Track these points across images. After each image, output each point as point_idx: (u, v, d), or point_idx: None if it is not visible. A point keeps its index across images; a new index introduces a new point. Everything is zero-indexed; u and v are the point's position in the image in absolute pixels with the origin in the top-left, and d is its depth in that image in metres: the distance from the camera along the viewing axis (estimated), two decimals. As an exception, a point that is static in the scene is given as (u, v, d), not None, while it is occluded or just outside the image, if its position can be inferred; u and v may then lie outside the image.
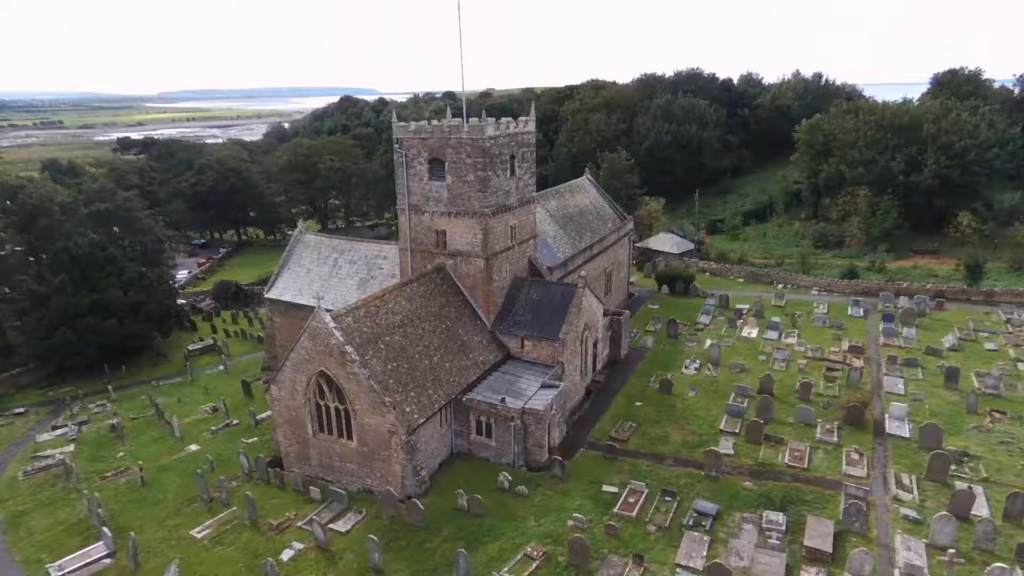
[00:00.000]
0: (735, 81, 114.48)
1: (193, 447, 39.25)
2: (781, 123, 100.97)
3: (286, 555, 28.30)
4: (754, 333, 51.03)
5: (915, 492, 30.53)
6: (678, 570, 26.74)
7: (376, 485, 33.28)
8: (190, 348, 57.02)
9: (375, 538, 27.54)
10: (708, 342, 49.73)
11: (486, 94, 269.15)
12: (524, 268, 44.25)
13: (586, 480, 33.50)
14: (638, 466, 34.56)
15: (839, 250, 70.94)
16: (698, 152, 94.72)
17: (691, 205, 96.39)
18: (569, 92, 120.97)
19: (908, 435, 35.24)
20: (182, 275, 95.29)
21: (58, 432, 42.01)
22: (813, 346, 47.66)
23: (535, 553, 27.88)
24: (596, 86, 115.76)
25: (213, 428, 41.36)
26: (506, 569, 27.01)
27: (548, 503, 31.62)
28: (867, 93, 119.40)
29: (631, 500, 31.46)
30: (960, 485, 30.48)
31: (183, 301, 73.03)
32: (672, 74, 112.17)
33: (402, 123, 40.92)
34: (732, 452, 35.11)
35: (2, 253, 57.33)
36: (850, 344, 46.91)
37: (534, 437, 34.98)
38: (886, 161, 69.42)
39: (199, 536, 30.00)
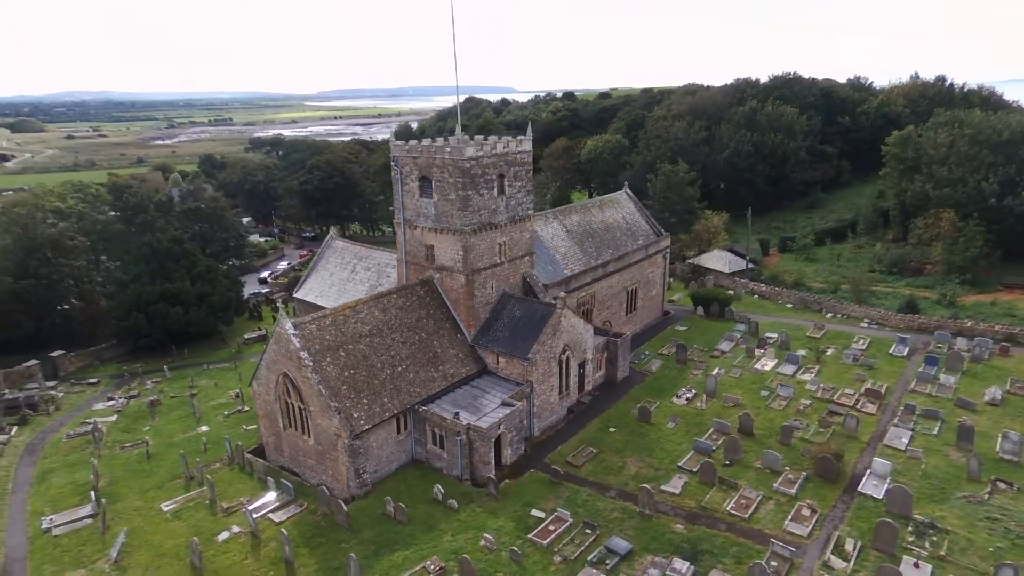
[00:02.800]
0: (840, 84, 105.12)
1: (204, 428, 44.30)
2: (888, 132, 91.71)
3: (223, 536, 31.69)
4: (769, 366, 48.01)
5: (852, 561, 28.05)
6: (561, 604, 26.83)
7: (329, 482, 35.97)
8: (246, 337, 63.51)
9: (285, 532, 30.16)
10: (716, 371, 47.65)
11: (605, 95, 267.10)
12: (517, 284, 45.01)
13: (520, 502, 33.97)
14: (579, 494, 34.46)
15: (915, 278, 63.84)
16: (783, 163, 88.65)
17: (770, 220, 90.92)
18: (661, 97, 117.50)
19: (881, 496, 32.13)
20: (283, 266, 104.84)
21: (110, 403, 49.11)
22: (828, 385, 44.13)
23: (433, 567, 29.07)
24: (689, 91, 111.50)
25: (226, 413, 46.31)
26: (400, 579, 28.51)
27: (472, 520, 32.55)
28: (1009, 97, 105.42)
29: (551, 528, 31.61)
30: (907, 560, 27.61)
31: (266, 290, 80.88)
32: (768, 79, 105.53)
33: (398, 142, 43.19)
34: (678, 491, 33.96)
35: (107, 244, 67.15)
36: (868, 387, 42.89)
37: (479, 453, 35.94)
38: (977, 181, 61.25)
39: (166, 509, 34.30)
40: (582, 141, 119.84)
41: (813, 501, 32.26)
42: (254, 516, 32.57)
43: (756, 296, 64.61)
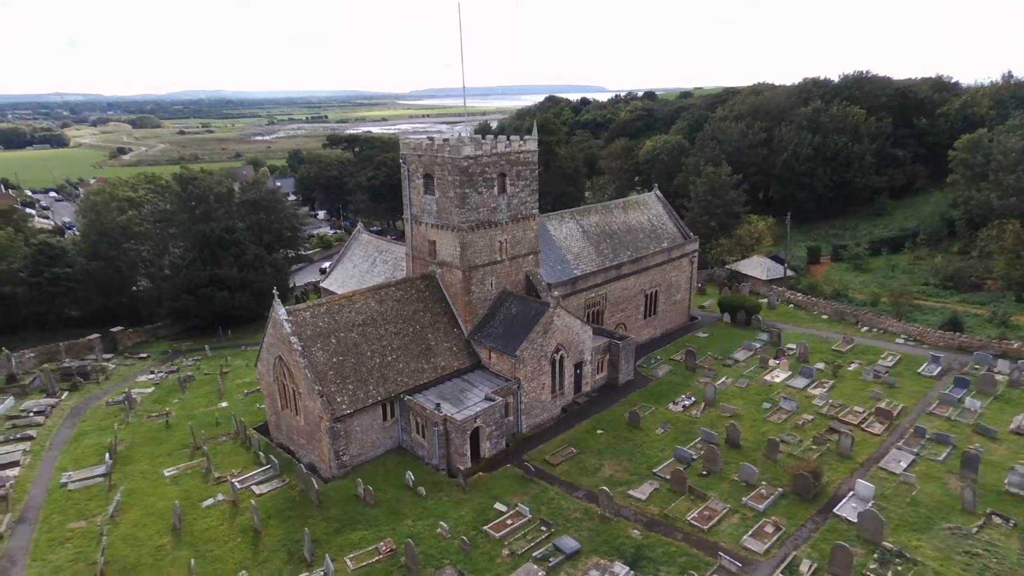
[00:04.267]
0: (919, 84, 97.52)
1: (224, 404, 47.68)
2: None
3: (208, 502, 34.32)
4: (780, 377, 46.11)
5: (801, 582, 26.94)
6: (493, 595, 27.38)
7: (316, 461, 38.07)
8: (286, 322, 67.33)
9: (255, 503, 32.33)
10: (722, 380, 46.32)
11: (687, 94, 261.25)
12: (519, 282, 45.54)
13: (488, 495, 34.64)
14: (547, 492, 34.73)
15: (972, 293, 58.83)
16: (846, 167, 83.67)
17: (829, 226, 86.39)
18: (726, 97, 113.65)
19: (856, 520, 30.49)
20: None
21: (152, 376, 53.72)
22: (837, 401, 41.98)
23: (384, 548, 30.34)
24: (754, 91, 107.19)
25: (246, 391, 49.62)
26: (351, 555, 29.93)
27: (437, 508, 33.55)
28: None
29: (508, 522, 32.15)
30: (862, 587, 26.24)
31: (320, 279, 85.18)
32: (838, 78, 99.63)
33: (406, 140, 44.77)
34: (645, 497, 33.60)
35: (173, 231, 73.13)
36: (880, 406, 40.40)
37: (455, 444, 36.88)
38: (1048, 191, 55.68)
39: (167, 474, 37.45)
40: (643, 141, 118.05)
41: (780, 518, 31.07)
42: (238, 487, 35.11)
43: (792, 305, 61.81)
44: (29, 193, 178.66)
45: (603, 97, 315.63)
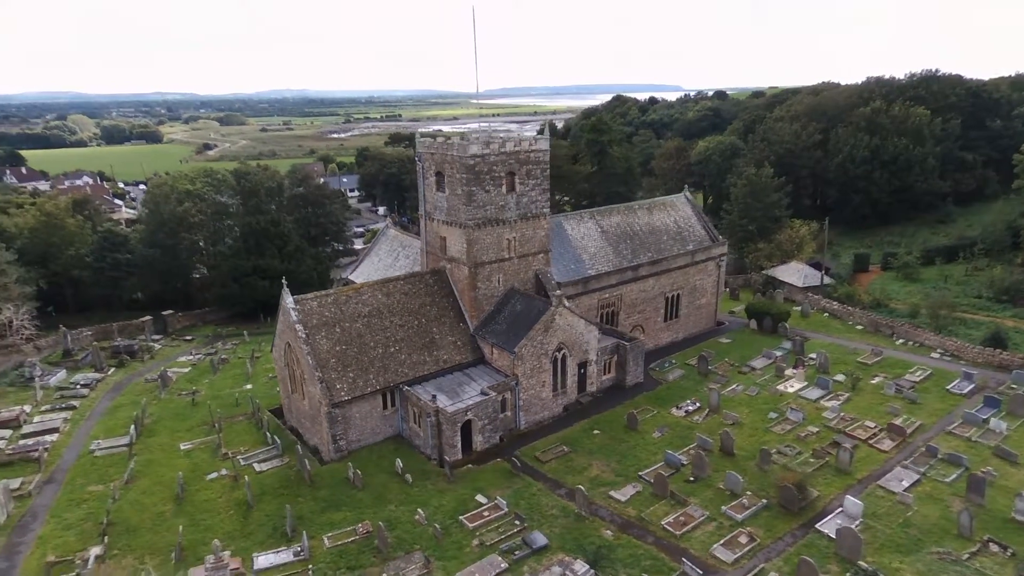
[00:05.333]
0: (994, 83, 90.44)
1: (248, 386, 50.47)
2: (1050, 139, 78.28)
3: (212, 476, 36.66)
4: (794, 387, 44.52)
5: (764, 595, 26.29)
6: (456, 580, 28.09)
7: (319, 443, 39.89)
8: (323, 312, 70.29)
9: (247, 479, 34.32)
10: (732, 386, 45.23)
11: (759, 94, 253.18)
12: (529, 280, 45.93)
13: (472, 486, 35.39)
14: (530, 488, 35.12)
15: (1027, 309, 54.55)
16: (905, 171, 78.94)
17: (886, 233, 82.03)
18: (786, 96, 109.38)
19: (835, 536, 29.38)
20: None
21: (190, 358, 57.45)
22: (849, 415, 40.24)
23: (362, 529, 31.62)
24: (814, 90, 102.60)
25: (270, 375, 52.26)
26: (329, 534, 31.35)
27: (420, 495, 34.59)
28: None
29: (484, 514, 32.80)
30: (825, 605, 25.37)
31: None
32: (904, 76, 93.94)
33: (422, 139, 46.02)
34: (625, 499, 33.48)
35: (229, 223, 77.55)
36: (894, 422, 38.42)
37: (446, 436, 37.78)
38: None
39: (182, 448, 40.19)
40: (696, 142, 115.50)
41: (757, 530, 30.30)
42: (242, 463, 37.35)
43: (827, 314, 59.26)
44: (121, 185, 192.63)
45: (678, 96, 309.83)
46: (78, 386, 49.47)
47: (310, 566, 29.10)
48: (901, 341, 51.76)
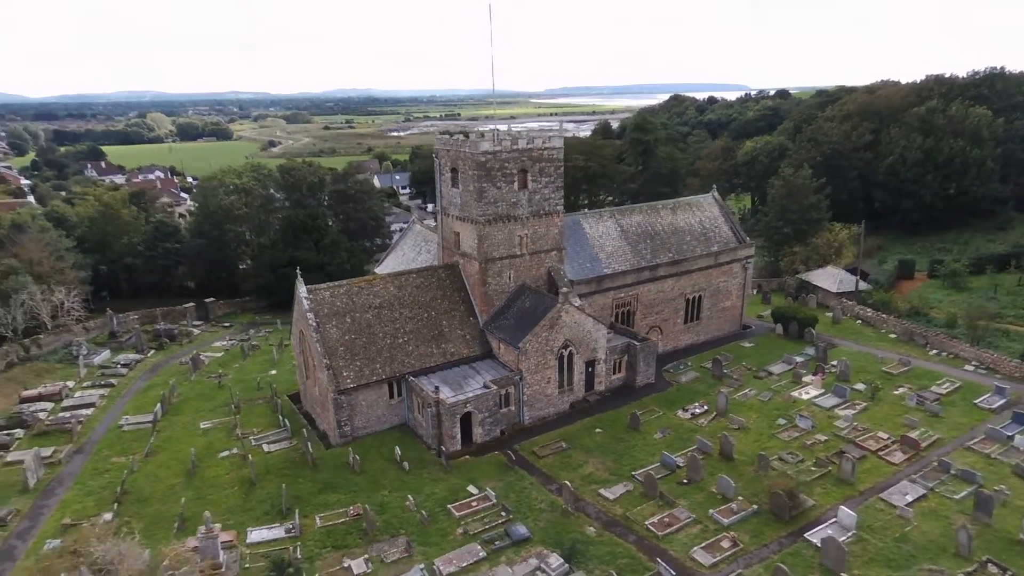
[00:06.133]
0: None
1: (273, 372, 52.66)
2: None
3: (223, 454, 38.63)
4: (809, 395, 43.15)
5: (736, 600, 25.87)
6: (434, 563, 28.73)
7: (327, 428, 41.38)
8: (355, 304, 72.45)
9: (252, 459, 35.99)
10: (745, 391, 44.28)
11: (822, 92, 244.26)
12: (541, 277, 46.19)
13: (466, 477, 36.06)
14: (522, 481, 35.50)
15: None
16: (961, 174, 74.65)
17: (937, 239, 78.07)
18: (839, 95, 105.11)
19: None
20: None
21: (225, 343, 60.29)
22: (862, 425, 38.81)
23: (352, 512, 32.72)
24: (870, 89, 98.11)
25: (294, 363, 54.26)
26: (321, 514, 32.61)
27: (414, 483, 35.45)
28: None
29: (473, 504, 33.41)
30: (798, 614, 24.77)
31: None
32: (966, 75, 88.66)
33: (441, 136, 46.97)
34: (613, 498, 33.45)
35: (276, 216, 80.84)
36: (907, 435, 36.82)
37: (445, 426, 38.52)
38: None
39: (202, 427, 42.43)
40: (743, 142, 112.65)
41: (742, 535, 29.75)
42: (253, 443, 39.21)
43: (859, 322, 56.94)
44: (190, 179, 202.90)
45: (737, 96, 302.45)
46: (119, 366, 52.82)
47: (298, 543, 30.40)
48: (934, 352, 49.33)
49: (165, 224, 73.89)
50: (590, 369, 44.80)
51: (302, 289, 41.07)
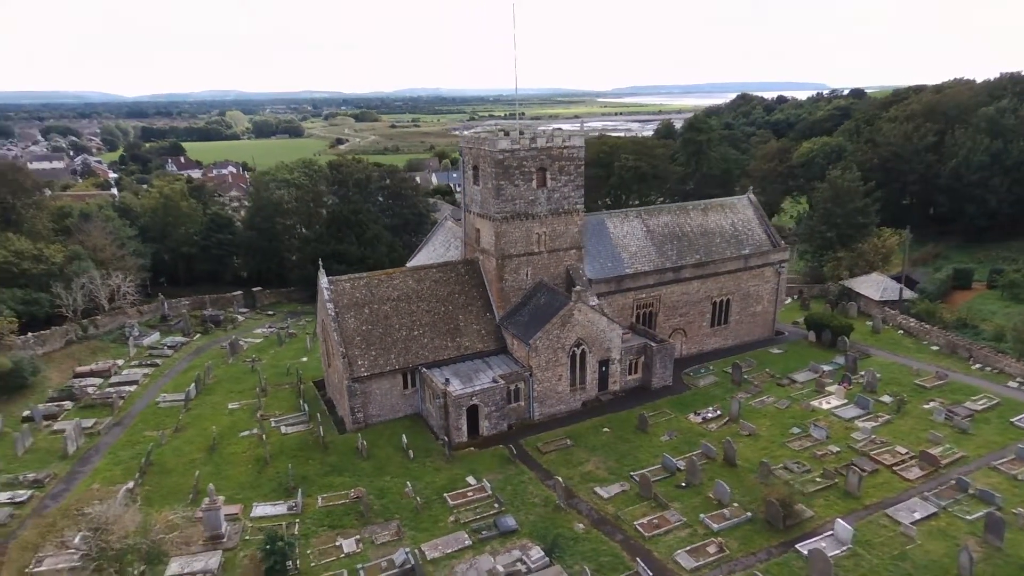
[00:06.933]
0: None
1: (304, 359, 54.93)
2: None
3: (244, 433, 40.79)
4: (830, 404, 41.62)
5: (711, 605, 25.55)
6: (420, 547, 29.64)
7: (343, 414, 43.02)
8: (393, 297, 74.52)
9: (266, 439, 37.90)
10: (763, 398, 43.16)
11: (900, 91, 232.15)
12: (560, 275, 46.41)
13: (467, 467, 36.83)
14: (521, 475, 35.96)
15: None
16: (1032, 178, 69.68)
17: (1004, 248, 73.34)
18: (907, 94, 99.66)
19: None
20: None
21: (265, 330, 63.20)
22: (881, 438, 37.24)
23: (352, 494, 34.02)
24: (938, 88, 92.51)
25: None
26: (324, 495, 34.07)
27: (416, 471, 36.48)
28: None
29: (469, 494, 34.15)
30: (771, 624, 24.27)
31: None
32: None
33: (466, 133, 47.88)
34: (607, 497, 33.45)
35: (332, 209, 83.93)
36: (928, 451, 35.06)
37: (452, 417, 39.36)
38: None
39: (230, 407, 44.91)
40: (801, 143, 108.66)
41: (731, 541, 29.23)
42: (273, 425, 41.28)
43: (901, 332, 54.27)
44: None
45: (808, 96, 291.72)
46: (165, 347, 56.41)
47: (298, 520, 31.93)
48: (977, 366, 46.56)
49: (220, 216, 78.08)
50: (604, 368, 44.69)
51: (323, 280, 42.81)
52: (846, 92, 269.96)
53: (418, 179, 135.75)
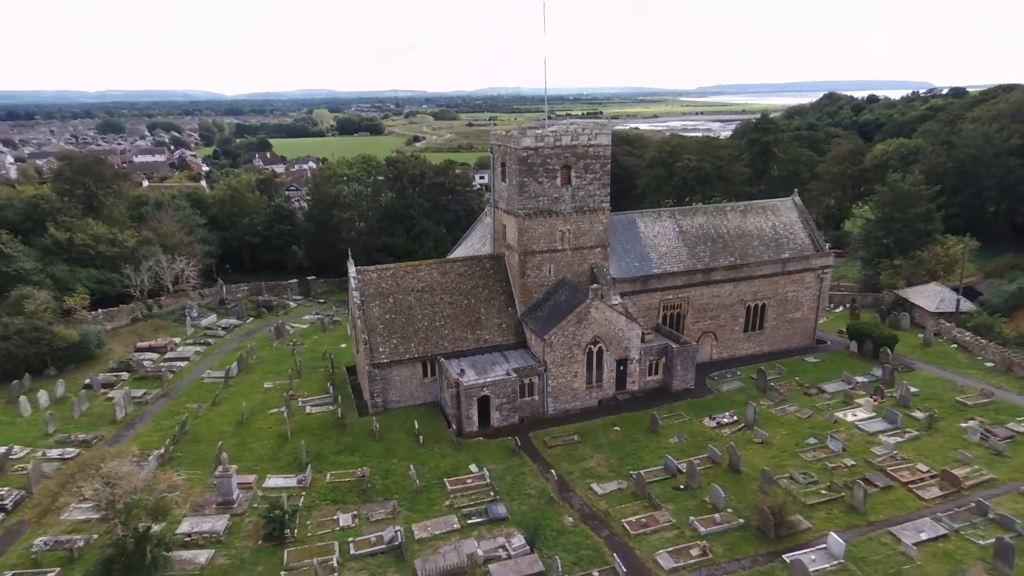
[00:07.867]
0: None
1: (343, 345, 57.52)
2: None
3: (272, 411, 43.40)
4: (854, 417, 39.82)
5: (680, 606, 25.39)
6: (411, 527, 30.89)
7: (367, 399, 44.95)
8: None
9: (287, 417, 40.26)
10: (785, 406, 41.82)
11: (1008, 88, 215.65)
12: (584, 273, 46.63)
13: (472, 456, 37.85)
14: (522, 467, 36.63)
15: None
16: None
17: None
18: (996, 93, 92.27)
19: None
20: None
21: (312, 316, 66.38)
22: (905, 454, 35.39)
23: (358, 473, 35.71)
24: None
25: (362, 338, 58.87)
26: (333, 472, 35.94)
27: (424, 455, 37.81)
28: None
29: (467, 480, 35.13)
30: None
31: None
32: None
33: (496, 131, 48.80)
34: (602, 493, 33.56)
35: (385, 203, 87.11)
36: (950, 471, 33.06)
37: (463, 407, 40.40)
38: None
39: (265, 386, 47.83)
40: (875, 145, 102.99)
41: (715, 545, 28.77)
42: (300, 404, 43.75)
43: (955, 346, 50.90)
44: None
45: (902, 95, 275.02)
46: (219, 328, 60.50)
47: (304, 492, 33.89)
48: (1032, 386, 43.21)
49: (282, 208, 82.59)
50: (622, 368, 44.54)
51: (352, 270, 44.85)
52: (945, 91, 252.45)
53: (485, 176, 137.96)
